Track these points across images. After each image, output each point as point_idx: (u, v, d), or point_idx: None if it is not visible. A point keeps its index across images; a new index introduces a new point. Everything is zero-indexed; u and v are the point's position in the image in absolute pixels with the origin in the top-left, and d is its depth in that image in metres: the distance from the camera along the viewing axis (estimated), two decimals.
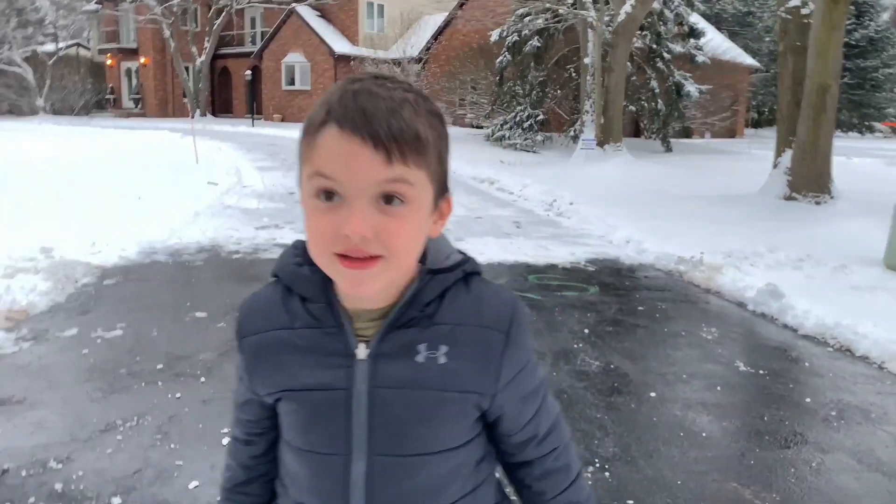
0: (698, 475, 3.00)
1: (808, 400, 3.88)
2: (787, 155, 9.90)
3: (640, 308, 5.57)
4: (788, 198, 9.64)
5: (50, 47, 40.80)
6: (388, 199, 0.83)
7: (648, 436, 3.35)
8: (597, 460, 3.08)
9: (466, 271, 0.96)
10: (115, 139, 21.17)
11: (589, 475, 2.95)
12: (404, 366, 0.92)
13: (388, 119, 0.81)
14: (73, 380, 3.88)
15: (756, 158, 17.61)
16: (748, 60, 30.54)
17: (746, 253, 7.07)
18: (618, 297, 5.87)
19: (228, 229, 8.13)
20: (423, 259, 0.94)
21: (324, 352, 0.93)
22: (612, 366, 4.26)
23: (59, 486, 2.80)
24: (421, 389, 0.92)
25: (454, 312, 0.93)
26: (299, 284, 0.96)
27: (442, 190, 0.91)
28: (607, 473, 2.98)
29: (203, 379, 3.90)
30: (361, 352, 0.92)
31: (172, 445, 3.16)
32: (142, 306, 5.24)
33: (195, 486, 2.82)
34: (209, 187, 10.87)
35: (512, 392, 0.97)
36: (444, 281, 0.93)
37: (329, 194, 0.83)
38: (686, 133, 25.06)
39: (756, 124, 39.54)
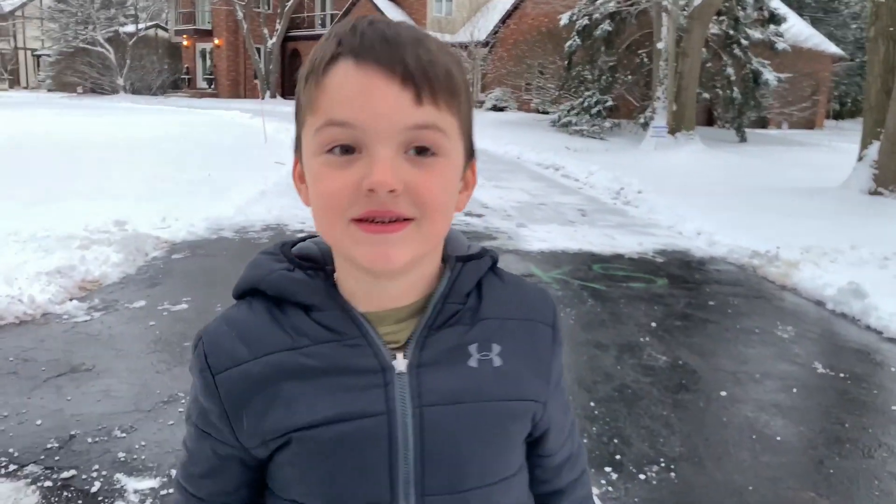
0: (771, 481, 2.83)
1: (894, 408, 3.62)
2: (874, 147, 9.34)
3: (711, 303, 5.34)
4: (874, 192, 9.11)
5: (130, 28, 42.32)
6: (420, 150, 0.68)
7: (717, 437, 3.19)
8: (662, 460, 2.94)
9: (494, 258, 0.81)
10: (189, 118, 21.79)
11: (654, 475, 2.82)
12: (456, 374, 0.73)
13: (416, 49, 0.66)
14: (139, 351, 3.97)
15: (837, 151, 16.78)
16: (831, 48, 29.06)
17: (826, 249, 6.70)
18: (687, 291, 5.64)
19: (293, 208, 8.21)
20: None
21: (348, 370, 0.72)
22: (680, 361, 4.08)
23: (122, 455, 2.86)
24: (480, 401, 0.74)
25: (498, 305, 0.78)
26: (298, 291, 0.74)
27: (469, 151, 0.75)
28: (673, 474, 2.84)
29: None
30: (400, 363, 0.72)
31: None
32: (207, 281, 5.33)
33: None
34: (276, 167, 11.03)
35: (557, 398, 0.84)
36: (478, 268, 0.78)
37: (345, 149, 0.67)
38: (762, 123, 24.05)
39: (837, 115, 37.68)
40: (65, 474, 2.71)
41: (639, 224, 8.45)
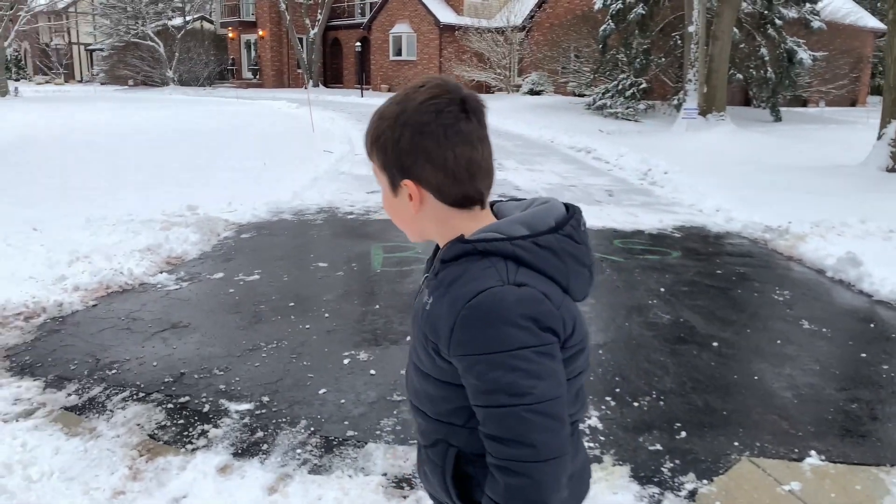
0: (742, 407, 3.48)
1: (863, 355, 4.21)
2: (893, 126, 9.68)
3: (719, 271, 5.93)
4: (891, 170, 9.47)
5: (178, 21, 43.67)
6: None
7: (704, 376, 3.84)
8: (654, 392, 3.61)
9: (478, 249, 1.08)
10: (239, 108, 22.78)
11: (645, 404, 3.49)
12: (419, 300, 1.19)
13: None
14: (224, 311, 4.77)
15: (872, 128, 16.80)
16: (872, 23, 28.56)
17: (835, 223, 7.18)
18: (698, 262, 6.24)
19: (343, 193, 9.01)
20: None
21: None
22: (681, 319, 4.72)
23: (222, 387, 3.63)
24: (416, 319, 1.19)
25: (446, 276, 1.10)
26: None
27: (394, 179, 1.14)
28: (661, 402, 3.51)
29: (327, 315, 4.69)
30: (424, 280, 1.23)
31: (305, 363, 3.95)
32: (273, 256, 6.14)
33: (323, 392, 3.58)
34: (325, 155, 11.83)
35: (461, 369, 1.09)
36: (458, 249, 1.10)
37: None
38: (800, 102, 23.96)
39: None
40: (181, 399, 3.49)
41: (662, 203, 9.00)
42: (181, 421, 3.26)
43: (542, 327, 1.03)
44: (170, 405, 3.43)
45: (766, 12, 18.62)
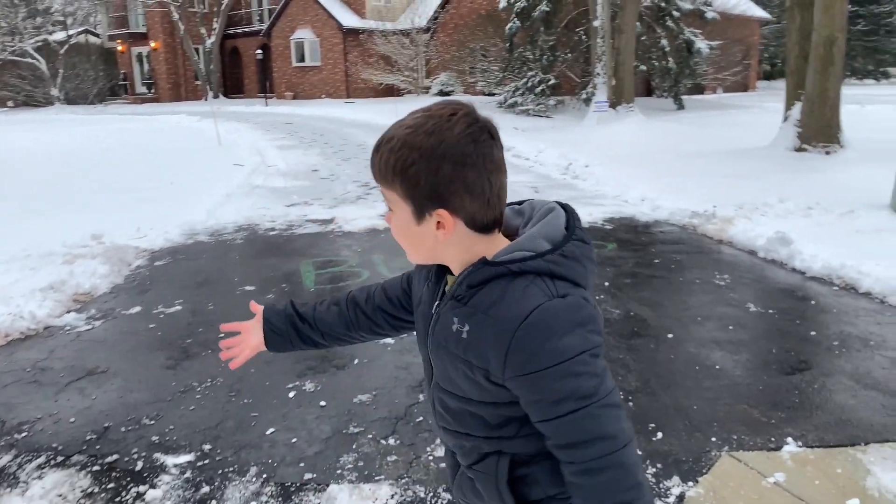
0: (711, 401, 3.39)
1: (812, 333, 4.24)
2: (797, 108, 10.10)
3: (656, 261, 5.93)
4: (798, 149, 9.87)
5: (60, 35, 41.02)
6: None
7: (666, 371, 3.75)
8: (621, 393, 3.47)
9: (512, 270, 1.08)
10: (136, 125, 21.58)
11: None
12: (445, 328, 1.15)
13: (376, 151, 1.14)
14: (146, 350, 4.30)
15: (768, 111, 17.66)
16: (758, 13, 30.26)
17: (757, 204, 7.37)
18: (635, 252, 6.22)
19: (260, 208, 8.54)
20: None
21: (430, 299, 1.25)
22: (631, 313, 4.64)
23: (155, 438, 3.23)
24: (447, 348, 1.16)
25: (482, 301, 1.09)
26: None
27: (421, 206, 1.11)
28: (631, 404, 3.38)
29: None
30: (435, 307, 1.22)
31: (246, 400, 3.58)
32: (194, 283, 5.67)
33: (271, 432, 3.24)
34: (236, 169, 11.26)
35: (522, 389, 1.09)
36: (488, 272, 1.09)
37: None
38: (699, 89, 24.95)
39: (769, 76, 39.14)
40: (109, 459, 3.05)
41: (588, 196, 9.02)
42: (111, 484, 2.85)
43: (590, 330, 1.07)
44: (96, 467, 3.00)
45: (664, 5, 19.24)
